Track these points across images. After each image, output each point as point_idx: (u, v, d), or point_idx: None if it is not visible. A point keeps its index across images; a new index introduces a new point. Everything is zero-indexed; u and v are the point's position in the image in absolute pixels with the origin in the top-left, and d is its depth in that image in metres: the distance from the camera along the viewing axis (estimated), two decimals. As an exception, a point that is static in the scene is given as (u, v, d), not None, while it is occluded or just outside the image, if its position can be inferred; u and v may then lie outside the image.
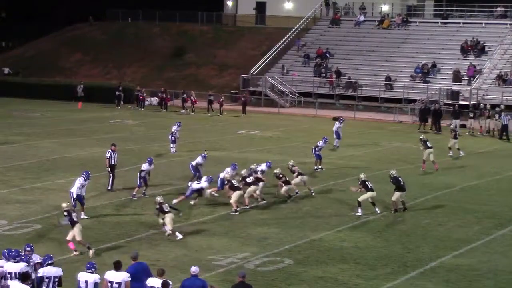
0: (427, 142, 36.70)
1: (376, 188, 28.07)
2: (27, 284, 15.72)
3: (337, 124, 42.47)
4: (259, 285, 19.34)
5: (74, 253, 21.70)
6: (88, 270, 16.38)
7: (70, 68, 77.11)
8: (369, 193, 27.47)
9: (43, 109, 58.09)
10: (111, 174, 30.14)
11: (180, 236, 23.65)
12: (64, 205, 22.53)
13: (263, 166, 30.45)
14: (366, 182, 27.60)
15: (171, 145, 39.35)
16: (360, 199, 27.46)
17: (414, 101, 58.67)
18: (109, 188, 29.99)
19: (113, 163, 30.36)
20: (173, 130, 39.53)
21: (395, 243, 23.96)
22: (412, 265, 21.81)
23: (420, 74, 62.47)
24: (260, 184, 28.69)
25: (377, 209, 27.53)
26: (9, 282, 15.98)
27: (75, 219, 21.97)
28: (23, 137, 43.28)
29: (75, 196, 25.80)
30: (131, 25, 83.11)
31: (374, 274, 20.91)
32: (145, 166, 29.10)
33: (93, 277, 16.26)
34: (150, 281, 16.17)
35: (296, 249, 23.01)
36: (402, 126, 53.99)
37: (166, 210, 24.07)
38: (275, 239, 24.08)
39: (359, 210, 27.35)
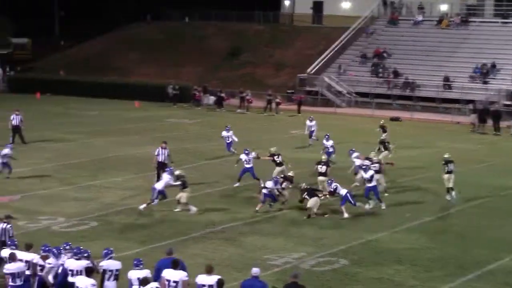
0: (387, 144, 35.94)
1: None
2: (92, 278, 16.07)
3: (307, 122, 42.73)
4: (314, 285, 19.22)
5: None
6: (136, 268, 16.44)
7: (127, 67, 77.71)
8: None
9: (100, 107, 58.53)
10: (158, 172, 29.82)
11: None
12: None
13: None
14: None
15: (230, 148, 38.24)
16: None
17: (472, 101, 57.95)
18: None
19: (160, 160, 30.31)
20: (222, 135, 38.30)
21: (451, 245, 23.63)
22: (469, 267, 21.48)
23: (479, 75, 61.69)
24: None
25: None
26: (72, 278, 16.25)
27: None
28: (79, 135, 43.67)
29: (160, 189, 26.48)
30: (188, 25, 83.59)
31: (430, 275, 20.66)
32: (269, 184, 27.33)
33: (144, 273, 16.29)
34: (199, 279, 16.10)
35: (351, 250, 22.84)
36: (460, 127, 53.31)
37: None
38: (330, 239, 23.93)
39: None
